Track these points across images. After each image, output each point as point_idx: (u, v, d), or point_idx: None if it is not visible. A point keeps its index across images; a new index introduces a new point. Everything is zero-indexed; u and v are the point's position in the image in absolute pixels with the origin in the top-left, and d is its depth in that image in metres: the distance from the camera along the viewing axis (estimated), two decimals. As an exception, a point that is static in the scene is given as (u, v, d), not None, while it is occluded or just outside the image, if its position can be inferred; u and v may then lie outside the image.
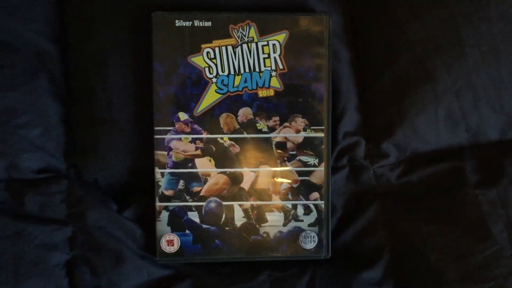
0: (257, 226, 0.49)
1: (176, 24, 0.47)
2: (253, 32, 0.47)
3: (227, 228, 0.49)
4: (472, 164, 0.51)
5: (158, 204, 0.48)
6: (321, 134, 0.49)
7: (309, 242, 0.50)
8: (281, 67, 0.48)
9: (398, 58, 0.51)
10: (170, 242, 0.49)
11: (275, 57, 0.48)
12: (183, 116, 0.48)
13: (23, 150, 0.50)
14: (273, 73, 0.48)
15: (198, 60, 0.47)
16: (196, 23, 0.47)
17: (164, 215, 0.48)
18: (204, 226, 0.49)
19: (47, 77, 0.52)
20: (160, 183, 0.48)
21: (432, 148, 0.52)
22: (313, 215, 0.49)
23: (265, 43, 0.48)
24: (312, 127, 0.49)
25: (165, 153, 0.48)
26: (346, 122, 0.52)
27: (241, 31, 0.47)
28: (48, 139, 0.52)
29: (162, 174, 0.48)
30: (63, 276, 0.49)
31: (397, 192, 0.52)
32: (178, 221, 0.49)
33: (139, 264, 0.50)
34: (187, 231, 0.49)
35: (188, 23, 0.47)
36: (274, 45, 0.48)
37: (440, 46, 0.50)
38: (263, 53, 0.48)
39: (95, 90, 0.51)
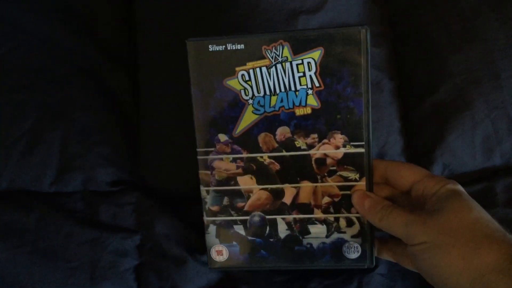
0: (300, 237, 0.50)
1: (210, 49, 0.47)
2: (286, 52, 0.46)
3: (271, 240, 0.51)
4: (503, 185, 0.53)
5: (206, 218, 0.51)
6: (361, 150, 0.48)
7: (353, 252, 0.50)
8: (317, 84, 0.47)
9: (439, 88, 0.56)
10: (220, 252, 0.52)
11: (310, 75, 0.46)
12: (223, 137, 0.49)
13: (99, 165, 0.56)
14: (309, 91, 0.47)
15: (234, 83, 0.48)
16: (229, 46, 0.47)
17: (212, 228, 0.51)
18: (249, 238, 0.51)
19: (118, 99, 0.57)
20: (206, 200, 0.51)
21: (468, 169, 0.55)
22: (356, 227, 0.50)
23: (300, 61, 0.46)
24: (351, 143, 0.48)
25: (209, 172, 0.50)
26: (390, 145, 0.55)
27: (274, 51, 0.46)
28: (119, 155, 0.56)
29: (208, 192, 0.51)
30: (132, 280, 0.55)
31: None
32: (225, 234, 0.51)
33: (199, 269, 0.55)
34: (234, 243, 0.51)
35: (221, 47, 0.47)
36: (309, 63, 0.46)
37: (478, 78, 0.54)
38: (298, 71, 0.46)
39: (157, 112, 0.57)
